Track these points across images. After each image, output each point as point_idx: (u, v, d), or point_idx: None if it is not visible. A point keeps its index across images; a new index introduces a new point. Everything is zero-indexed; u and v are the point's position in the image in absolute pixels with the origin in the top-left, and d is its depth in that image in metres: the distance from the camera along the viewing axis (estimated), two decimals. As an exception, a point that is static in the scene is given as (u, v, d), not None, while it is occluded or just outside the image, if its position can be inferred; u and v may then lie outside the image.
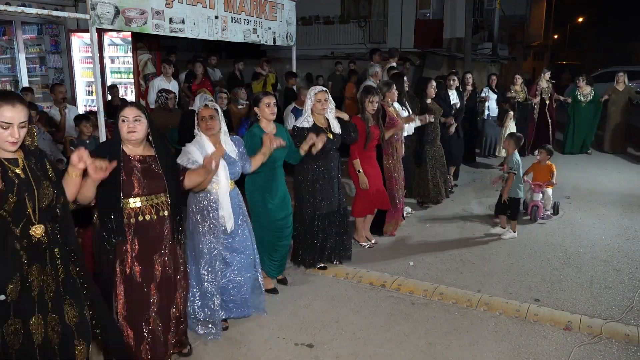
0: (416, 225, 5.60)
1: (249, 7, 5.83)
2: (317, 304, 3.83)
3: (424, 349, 3.24)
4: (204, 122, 3.12)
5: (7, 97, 2.03)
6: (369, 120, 4.58)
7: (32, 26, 8.55)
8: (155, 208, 2.63)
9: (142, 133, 2.58)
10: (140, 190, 2.58)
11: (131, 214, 2.58)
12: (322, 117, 4.15)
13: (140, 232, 2.62)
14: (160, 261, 2.71)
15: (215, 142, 3.17)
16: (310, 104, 4.07)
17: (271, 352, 3.20)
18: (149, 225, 2.63)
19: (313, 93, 4.08)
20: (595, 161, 9.02)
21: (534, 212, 5.69)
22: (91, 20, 3.99)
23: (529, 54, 28.65)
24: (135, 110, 2.57)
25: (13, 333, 2.08)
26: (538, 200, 5.73)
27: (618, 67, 16.47)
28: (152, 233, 2.65)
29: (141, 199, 2.59)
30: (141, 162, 2.62)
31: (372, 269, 4.45)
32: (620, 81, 9.44)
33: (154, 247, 2.68)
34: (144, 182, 2.59)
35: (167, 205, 2.67)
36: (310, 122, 4.08)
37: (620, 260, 4.64)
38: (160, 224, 2.67)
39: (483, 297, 3.91)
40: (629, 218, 5.82)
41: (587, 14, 37.88)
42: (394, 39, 15.67)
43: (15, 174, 2.06)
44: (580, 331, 3.42)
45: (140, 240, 2.63)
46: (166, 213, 2.67)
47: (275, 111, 3.76)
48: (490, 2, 18.06)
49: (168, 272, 2.75)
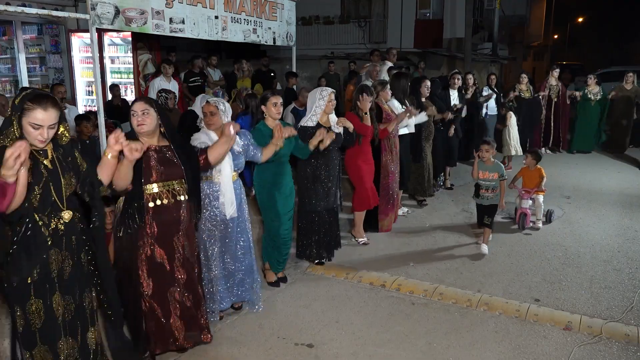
0: (416, 225, 5.60)
1: (249, 7, 5.83)
2: (317, 304, 3.83)
3: (424, 349, 3.24)
4: (206, 117, 3.33)
5: (40, 100, 2.14)
6: (362, 117, 4.69)
7: (32, 26, 8.54)
8: (172, 193, 2.81)
9: (151, 125, 2.72)
10: (158, 177, 2.76)
11: (149, 199, 2.76)
12: (326, 117, 4.28)
13: (159, 216, 2.80)
14: (179, 243, 2.89)
15: (219, 135, 3.25)
16: (323, 104, 4.20)
17: (271, 352, 3.20)
18: (166, 209, 2.81)
19: (326, 93, 4.23)
20: (595, 161, 9.02)
21: (522, 219, 5.42)
22: (91, 20, 3.99)
23: (529, 54, 28.62)
24: (142, 104, 2.73)
25: (35, 312, 2.23)
26: (526, 207, 5.45)
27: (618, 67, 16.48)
28: (169, 216, 2.82)
29: (158, 185, 2.77)
30: (157, 152, 2.78)
31: (372, 269, 4.45)
32: (629, 81, 9.43)
33: (172, 230, 2.85)
34: (161, 169, 2.76)
35: (185, 191, 2.86)
36: (315, 121, 4.21)
37: (620, 260, 4.64)
38: (177, 208, 2.85)
39: (483, 297, 3.91)
40: (629, 218, 5.82)
41: (587, 14, 37.87)
42: (394, 39, 15.66)
43: (44, 166, 2.21)
44: (580, 331, 3.42)
45: (159, 224, 2.81)
46: (183, 198, 2.86)
47: (282, 111, 3.89)
48: (490, 2, 18.06)
49: (187, 253, 2.93)
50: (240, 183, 3.53)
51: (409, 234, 5.36)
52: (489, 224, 4.87)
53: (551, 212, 5.64)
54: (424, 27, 15.74)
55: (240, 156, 3.45)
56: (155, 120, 2.75)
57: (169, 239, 2.86)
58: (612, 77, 13.71)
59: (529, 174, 5.60)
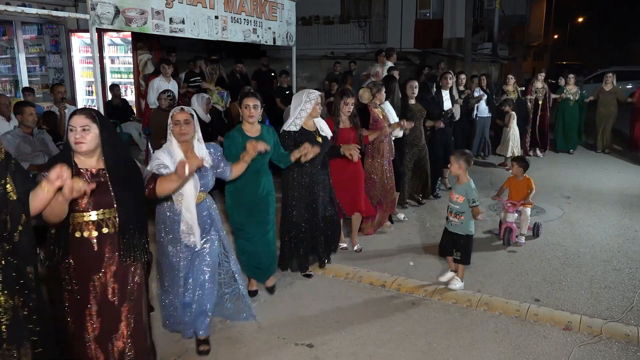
0: (416, 225, 5.60)
1: (249, 7, 5.83)
2: (317, 304, 3.83)
3: (424, 349, 3.24)
4: (178, 126, 2.88)
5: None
6: (343, 122, 4.46)
7: (32, 26, 8.56)
8: (99, 225, 2.37)
9: (91, 143, 2.32)
10: (86, 205, 2.34)
11: (76, 228, 2.35)
12: (311, 121, 4.05)
13: (79, 249, 2.37)
14: (99, 284, 2.41)
15: (186, 150, 2.94)
16: (310, 107, 3.94)
17: (271, 352, 3.20)
18: (88, 243, 2.36)
19: (314, 96, 3.96)
20: (595, 161, 9.02)
21: (507, 235, 4.92)
22: (91, 20, 3.99)
23: (529, 54, 28.63)
24: (83, 119, 2.31)
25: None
26: (512, 221, 4.95)
27: (618, 67, 16.50)
28: (91, 252, 2.38)
29: (87, 215, 2.35)
30: (93, 176, 2.38)
31: (372, 269, 4.45)
32: (608, 82, 9.46)
33: (91, 268, 2.40)
34: (92, 197, 2.32)
35: (115, 223, 2.40)
36: (299, 125, 3.96)
37: (620, 260, 4.64)
38: (103, 242, 2.39)
39: (483, 297, 3.91)
40: (629, 218, 5.81)
41: (587, 14, 37.88)
42: (394, 39, 15.68)
43: None
44: (580, 331, 3.42)
45: (79, 258, 2.37)
46: (113, 230, 2.40)
47: (256, 114, 3.56)
48: (490, 2, 18.06)
49: (109, 295, 2.44)
50: (208, 203, 3.14)
51: (409, 234, 5.35)
52: (459, 259, 4.02)
53: (539, 225, 5.20)
54: (424, 27, 15.76)
55: (208, 174, 3.03)
56: (97, 138, 2.33)
57: (88, 277, 2.39)
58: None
59: (516, 185, 5.15)
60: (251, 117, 3.55)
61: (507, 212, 4.99)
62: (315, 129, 4.06)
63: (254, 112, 3.55)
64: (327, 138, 4.10)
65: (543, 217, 5.87)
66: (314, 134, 4.02)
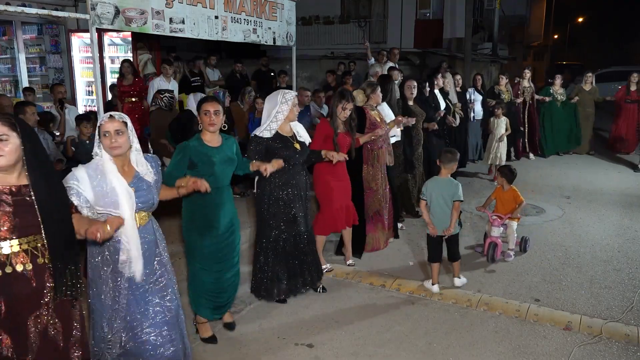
0: (416, 226, 5.60)
1: (249, 7, 5.82)
2: (317, 304, 3.83)
3: (424, 349, 3.24)
4: (107, 138, 2.39)
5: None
6: (338, 127, 4.16)
7: (32, 26, 8.55)
8: (32, 254, 1.99)
9: (10, 157, 1.95)
10: (11, 232, 1.94)
11: (4, 263, 1.94)
12: (288, 125, 3.64)
13: (10, 289, 1.95)
14: (38, 324, 2.02)
15: (122, 164, 2.46)
16: (286, 109, 3.52)
17: (271, 352, 3.20)
18: (22, 277, 1.97)
19: (290, 97, 3.53)
20: (595, 161, 9.02)
21: (491, 250, 4.51)
22: (91, 20, 3.99)
23: (529, 54, 28.64)
24: (0, 127, 1.94)
25: None
26: (497, 236, 4.54)
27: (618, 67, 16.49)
28: (27, 288, 1.99)
29: (12, 243, 1.95)
30: (14, 195, 1.97)
31: (372, 269, 4.44)
32: (587, 82, 9.31)
33: (28, 307, 2.00)
34: (16, 221, 1.95)
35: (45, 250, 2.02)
36: (274, 130, 3.54)
37: (620, 260, 4.64)
38: (39, 274, 2.01)
39: (483, 297, 3.91)
40: (629, 218, 5.81)
41: (587, 14, 37.87)
42: (394, 39, 15.68)
43: None
44: (580, 331, 3.42)
45: (9, 300, 1.96)
46: (46, 260, 2.02)
47: (218, 122, 3.06)
48: (490, 2, 18.06)
49: (51, 336, 2.06)
50: (153, 225, 2.62)
51: (408, 235, 5.35)
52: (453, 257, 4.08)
53: (526, 240, 4.81)
54: (424, 27, 15.76)
55: (148, 191, 2.51)
56: (17, 151, 1.95)
57: (23, 320, 1.99)
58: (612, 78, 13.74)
59: (501, 197, 4.76)
60: (212, 125, 3.05)
61: (492, 226, 4.57)
62: (292, 134, 3.66)
63: (215, 119, 3.05)
64: (305, 144, 3.70)
65: (543, 217, 5.87)
66: (291, 139, 3.62)
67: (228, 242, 3.23)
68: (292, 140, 3.62)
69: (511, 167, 4.88)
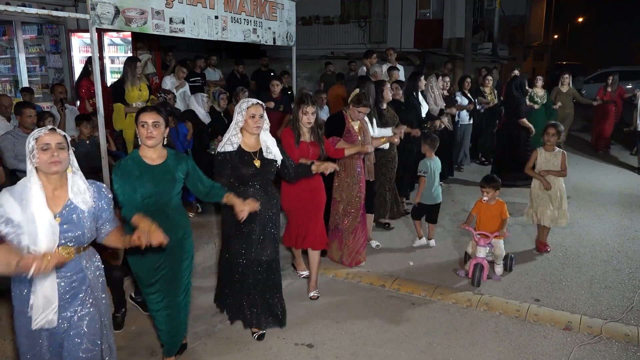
0: (414, 226, 5.59)
1: (249, 7, 5.82)
2: (317, 304, 3.83)
3: (424, 349, 3.24)
4: (47, 152, 2.06)
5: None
6: (303, 135, 3.75)
7: (32, 26, 8.54)
8: None
9: None
10: None
11: None
12: (254, 138, 3.19)
13: None
14: None
15: (54, 188, 2.13)
16: (241, 119, 3.11)
17: (271, 352, 3.20)
18: None
19: (245, 106, 3.10)
20: (595, 161, 9.03)
21: (477, 273, 4.07)
22: (91, 20, 3.99)
23: (529, 54, 28.63)
24: None
25: None
26: (483, 257, 4.12)
27: (618, 67, 16.48)
28: None
29: None
30: None
31: (372, 269, 4.44)
32: (564, 83, 9.20)
33: None
34: None
35: None
36: (236, 144, 3.12)
37: (620, 260, 4.64)
38: None
39: (483, 297, 3.91)
40: (629, 218, 5.82)
41: (587, 14, 37.90)
42: (394, 39, 15.68)
43: None
44: (580, 331, 3.42)
45: None
46: None
47: (158, 135, 2.63)
48: (490, 2, 18.05)
49: None
50: (85, 260, 2.22)
51: (407, 235, 5.35)
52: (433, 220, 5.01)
53: (512, 258, 4.39)
54: (424, 27, 15.75)
55: (79, 224, 2.14)
56: None
57: None
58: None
59: (486, 211, 4.25)
60: (149, 138, 2.60)
61: (478, 246, 4.15)
62: (258, 148, 3.19)
63: (153, 131, 2.60)
64: (272, 161, 3.21)
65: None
66: (252, 155, 3.15)
67: (174, 270, 2.83)
68: (253, 157, 3.15)
69: (494, 176, 4.38)
